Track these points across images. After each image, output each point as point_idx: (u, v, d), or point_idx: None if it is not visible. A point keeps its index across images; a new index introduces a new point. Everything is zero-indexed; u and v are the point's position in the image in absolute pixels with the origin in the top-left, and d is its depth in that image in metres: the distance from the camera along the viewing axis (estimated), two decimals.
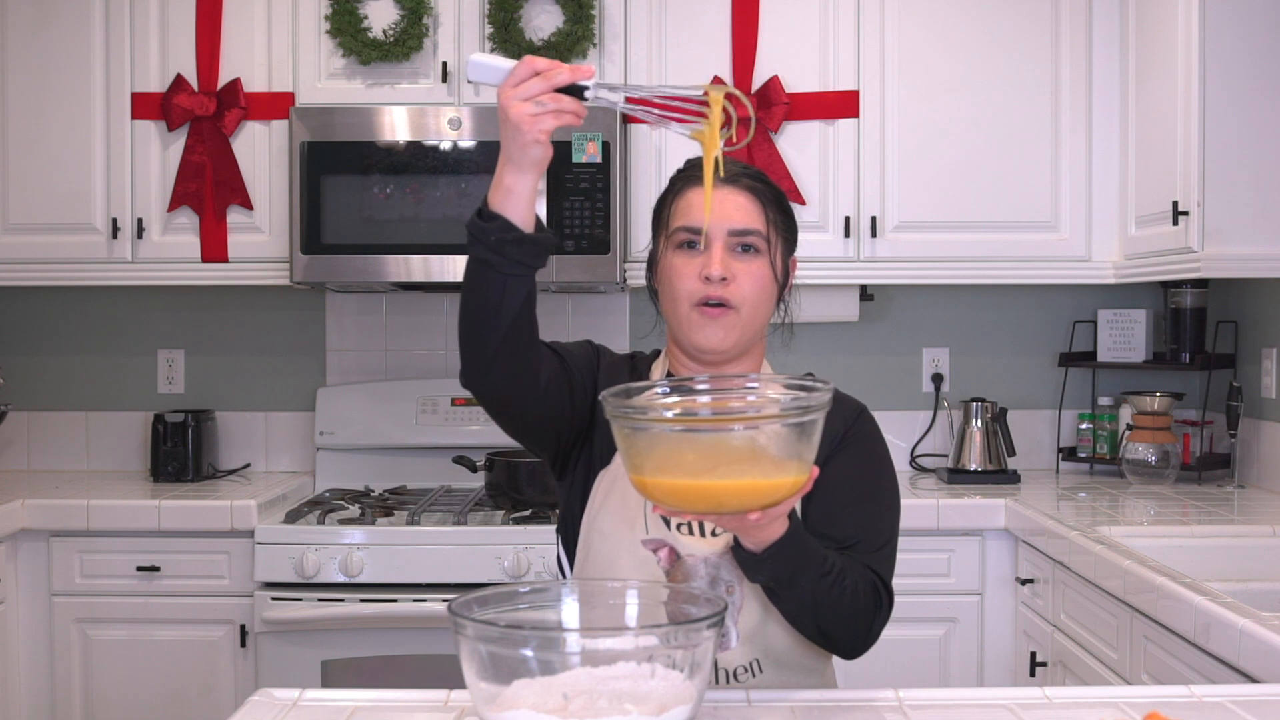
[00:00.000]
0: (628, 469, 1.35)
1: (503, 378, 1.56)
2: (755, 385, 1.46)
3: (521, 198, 1.47)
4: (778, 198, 1.71)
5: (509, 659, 1.19)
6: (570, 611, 1.37)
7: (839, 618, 1.56)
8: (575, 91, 1.43)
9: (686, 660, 1.21)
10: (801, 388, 1.38)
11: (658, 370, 1.76)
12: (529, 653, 1.19)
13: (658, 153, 3.32)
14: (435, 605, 2.93)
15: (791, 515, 1.45)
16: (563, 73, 1.42)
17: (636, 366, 1.77)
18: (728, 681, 1.61)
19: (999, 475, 3.40)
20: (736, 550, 1.48)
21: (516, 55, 3.28)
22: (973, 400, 3.49)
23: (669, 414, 1.34)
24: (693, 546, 1.60)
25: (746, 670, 1.61)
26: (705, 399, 1.43)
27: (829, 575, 1.51)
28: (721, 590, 1.58)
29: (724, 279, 1.63)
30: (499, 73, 1.46)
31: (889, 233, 3.33)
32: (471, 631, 1.20)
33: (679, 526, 1.61)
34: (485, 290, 1.50)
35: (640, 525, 1.63)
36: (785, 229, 1.72)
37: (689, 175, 1.72)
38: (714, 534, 1.61)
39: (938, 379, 3.70)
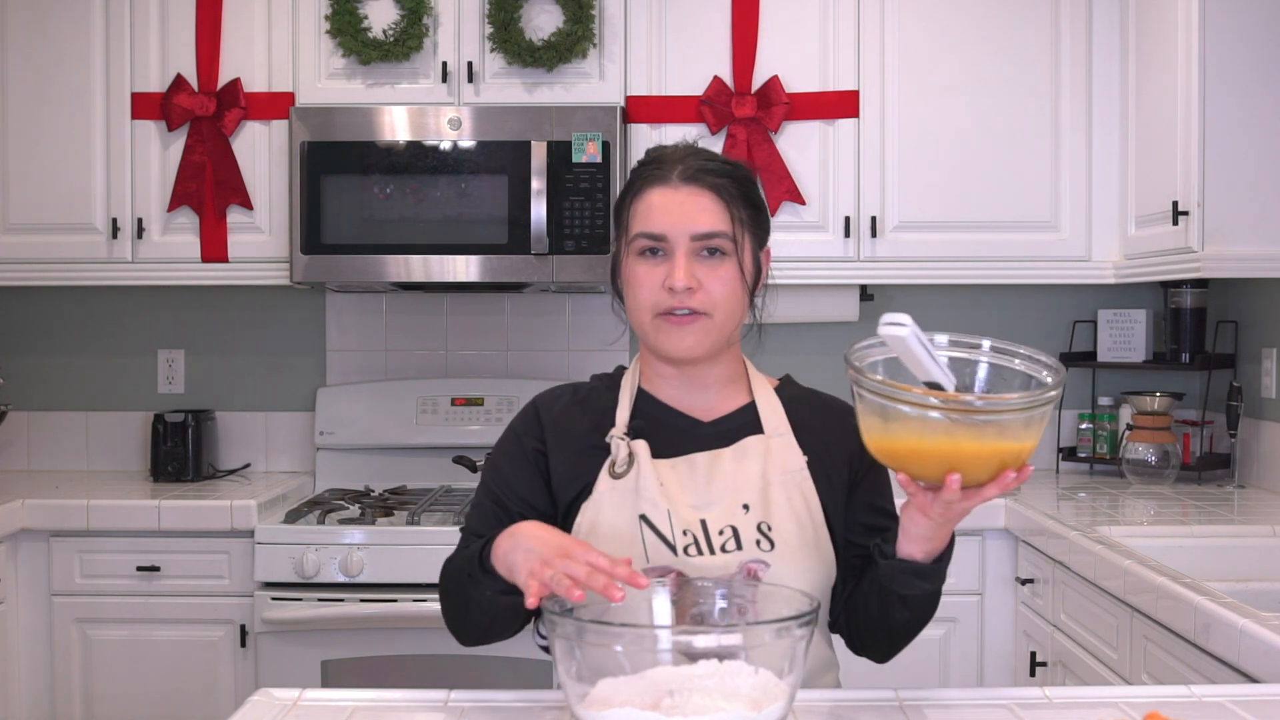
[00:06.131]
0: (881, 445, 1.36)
1: (502, 635, 1.62)
2: None
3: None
4: (745, 192, 1.62)
5: (598, 656, 1.20)
6: (662, 608, 1.37)
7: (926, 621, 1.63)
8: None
9: (779, 659, 1.21)
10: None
11: (628, 385, 1.68)
12: (619, 649, 1.20)
13: None
14: (435, 605, 2.90)
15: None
16: (599, 579, 1.31)
17: (587, 402, 1.68)
18: None
19: None
20: (893, 565, 1.50)
21: (516, 56, 3.31)
22: None
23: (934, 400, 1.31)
24: (703, 568, 1.56)
25: None
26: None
27: None
28: (734, 610, 1.56)
29: (690, 288, 1.56)
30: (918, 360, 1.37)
31: (889, 233, 3.33)
32: (563, 629, 1.22)
33: (685, 549, 1.57)
34: (472, 607, 1.58)
35: (640, 554, 1.57)
36: (754, 224, 1.63)
37: (646, 173, 1.63)
38: (723, 550, 1.57)
39: None
